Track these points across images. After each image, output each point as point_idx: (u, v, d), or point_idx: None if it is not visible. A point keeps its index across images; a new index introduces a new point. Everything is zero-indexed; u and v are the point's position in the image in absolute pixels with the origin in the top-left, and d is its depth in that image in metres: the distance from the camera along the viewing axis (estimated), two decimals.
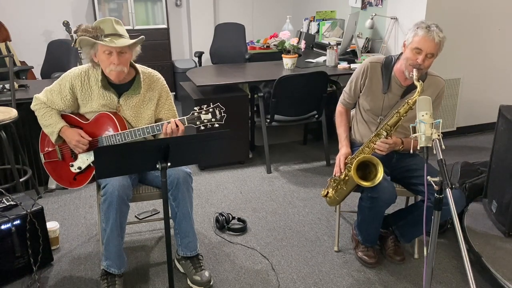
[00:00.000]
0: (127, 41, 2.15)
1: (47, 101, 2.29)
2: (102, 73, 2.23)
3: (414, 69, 2.15)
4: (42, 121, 2.31)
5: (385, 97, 2.37)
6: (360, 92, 2.46)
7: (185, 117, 2.14)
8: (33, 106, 2.34)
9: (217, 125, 2.13)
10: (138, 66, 2.31)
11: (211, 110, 2.11)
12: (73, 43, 2.19)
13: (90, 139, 2.26)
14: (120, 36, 2.14)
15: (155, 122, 2.30)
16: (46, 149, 2.39)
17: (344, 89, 2.55)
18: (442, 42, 2.16)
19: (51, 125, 2.28)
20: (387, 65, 2.38)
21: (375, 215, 2.33)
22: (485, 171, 2.85)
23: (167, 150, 1.77)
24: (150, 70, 2.37)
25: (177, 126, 2.14)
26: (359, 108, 2.51)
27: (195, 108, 2.13)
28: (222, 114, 2.12)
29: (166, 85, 2.40)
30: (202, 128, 2.13)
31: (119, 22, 2.18)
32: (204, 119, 2.12)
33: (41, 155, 2.41)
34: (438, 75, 2.38)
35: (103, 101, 2.25)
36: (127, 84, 2.28)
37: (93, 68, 2.25)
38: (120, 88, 2.28)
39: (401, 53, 2.32)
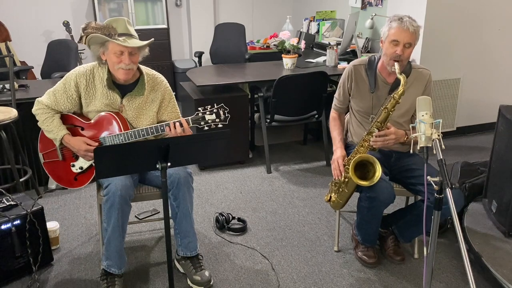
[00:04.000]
0: (139, 42, 2.17)
1: (51, 103, 2.28)
2: (108, 72, 2.23)
3: (396, 63, 2.19)
4: (44, 126, 2.30)
5: (373, 96, 2.39)
6: (349, 95, 2.49)
7: (189, 118, 2.16)
8: (34, 111, 2.32)
9: (221, 125, 2.14)
10: (142, 67, 2.32)
11: (215, 110, 2.13)
12: (78, 40, 2.19)
13: (97, 144, 2.25)
14: (132, 36, 2.16)
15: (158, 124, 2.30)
16: (46, 149, 2.38)
17: (335, 95, 2.59)
18: (417, 31, 2.22)
19: (52, 132, 2.27)
20: (371, 65, 2.41)
21: (374, 215, 2.33)
22: (485, 171, 2.85)
23: (167, 150, 1.77)
24: (153, 72, 2.38)
25: (181, 125, 2.15)
26: (352, 110, 2.53)
27: (199, 108, 2.14)
28: (226, 115, 2.14)
29: (169, 87, 2.42)
30: (206, 128, 2.14)
31: (130, 23, 2.20)
32: (209, 120, 2.13)
33: (40, 155, 2.40)
34: (423, 67, 2.42)
35: (107, 101, 2.25)
36: (131, 85, 2.29)
37: (99, 66, 2.25)
38: (124, 89, 2.28)
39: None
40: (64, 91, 2.26)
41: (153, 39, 2.24)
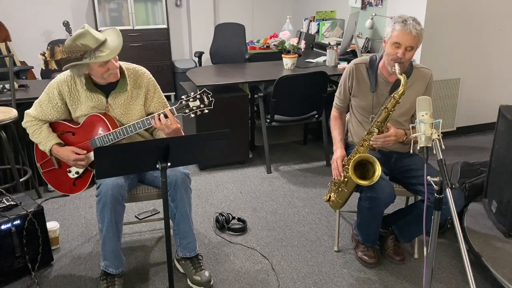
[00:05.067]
0: (117, 45, 2.11)
1: (38, 114, 2.27)
2: (86, 76, 2.19)
3: (396, 63, 2.19)
4: (33, 138, 2.31)
5: (374, 95, 2.39)
6: (350, 94, 2.49)
7: (173, 107, 2.13)
8: (24, 124, 2.32)
9: (206, 111, 2.11)
10: (121, 63, 2.28)
11: (198, 96, 2.10)
12: (44, 66, 2.11)
13: (85, 152, 2.25)
14: (104, 42, 2.09)
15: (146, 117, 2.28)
16: (42, 159, 2.37)
17: (336, 93, 2.59)
18: (420, 34, 2.20)
19: (41, 143, 2.28)
20: (372, 64, 2.41)
21: (374, 215, 2.33)
22: (485, 171, 2.85)
23: (167, 150, 1.77)
24: (134, 65, 2.34)
25: (166, 117, 2.11)
26: (352, 109, 2.53)
27: (183, 96, 2.12)
28: (210, 99, 2.11)
29: (153, 78, 2.38)
30: (192, 115, 2.11)
31: (91, 28, 2.11)
32: (193, 106, 2.10)
33: (38, 166, 2.40)
34: (424, 66, 2.42)
35: (92, 103, 2.24)
36: (113, 83, 2.25)
37: None
38: (107, 88, 2.26)
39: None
40: (49, 101, 2.25)
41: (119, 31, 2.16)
